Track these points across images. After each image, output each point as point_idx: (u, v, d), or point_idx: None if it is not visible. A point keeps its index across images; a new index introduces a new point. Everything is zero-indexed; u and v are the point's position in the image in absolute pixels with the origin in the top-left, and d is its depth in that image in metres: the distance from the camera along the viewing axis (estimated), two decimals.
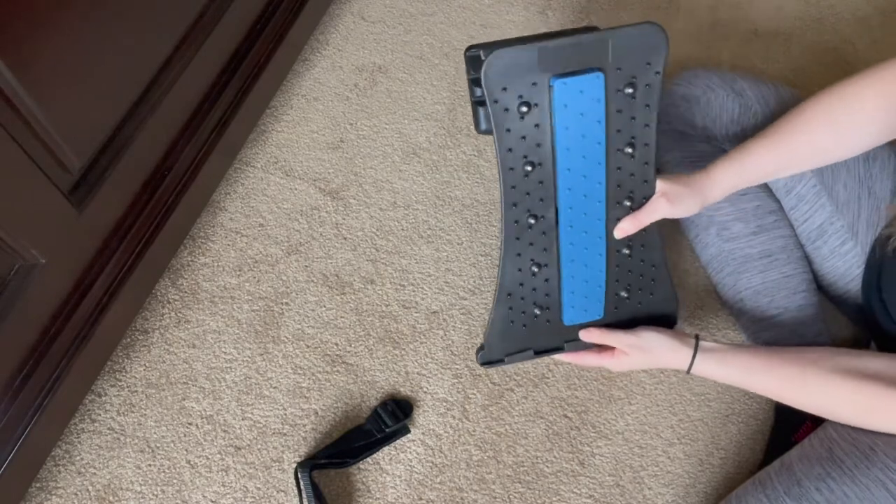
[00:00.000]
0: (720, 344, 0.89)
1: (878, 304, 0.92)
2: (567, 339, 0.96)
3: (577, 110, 0.79)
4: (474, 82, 0.82)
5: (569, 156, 0.82)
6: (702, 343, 0.88)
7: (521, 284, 0.90)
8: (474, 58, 0.85)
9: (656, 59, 0.79)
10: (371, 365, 1.08)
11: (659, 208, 0.85)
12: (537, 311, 0.93)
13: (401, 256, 1.16)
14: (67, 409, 0.96)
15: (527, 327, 0.94)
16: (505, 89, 0.77)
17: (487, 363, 0.96)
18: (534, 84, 0.77)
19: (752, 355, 0.86)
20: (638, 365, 0.91)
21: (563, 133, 0.80)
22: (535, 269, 0.90)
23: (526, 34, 0.87)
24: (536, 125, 0.80)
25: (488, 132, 0.82)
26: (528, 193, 0.83)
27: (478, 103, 0.84)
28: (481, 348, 0.95)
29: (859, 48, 1.42)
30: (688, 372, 0.88)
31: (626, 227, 0.86)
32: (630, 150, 0.83)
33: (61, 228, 0.85)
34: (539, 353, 0.96)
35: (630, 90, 0.79)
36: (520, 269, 0.89)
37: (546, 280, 0.91)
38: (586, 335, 0.94)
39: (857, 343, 1.10)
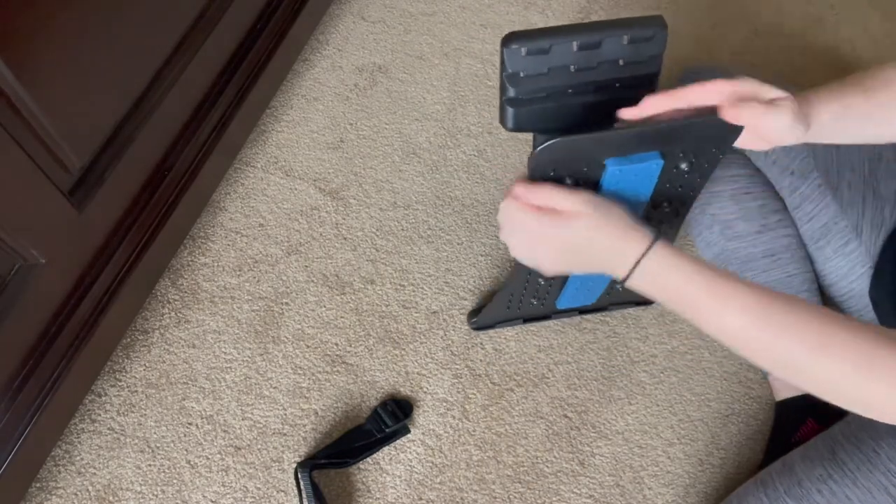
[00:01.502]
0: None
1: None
2: (555, 313, 1.08)
3: (626, 184, 0.75)
4: (509, 79, 0.71)
5: None
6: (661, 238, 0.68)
7: (526, 289, 0.92)
8: (513, 53, 0.70)
9: (723, 148, 0.75)
10: (371, 365, 1.08)
11: (784, 109, 0.67)
12: (534, 302, 1.01)
13: (401, 256, 1.16)
14: (67, 409, 0.96)
15: (521, 310, 1.05)
16: (554, 171, 0.72)
17: (479, 328, 1.10)
18: (585, 168, 0.73)
19: (716, 271, 0.66)
20: (577, 243, 0.68)
21: (604, 191, 0.76)
22: (542, 282, 0.94)
23: (549, 25, 0.78)
24: (578, 184, 0.76)
25: (517, 130, 0.75)
26: None
27: (508, 102, 0.73)
28: (473, 314, 1.08)
29: (859, 48, 1.42)
30: (633, 267, 0.67)
31: (741, 115, 0.67)
32: (666, 206, 0.83)
33: (61, 228, 0.85)
34: (527, 321, 1.10)
35: (686, 166, 0.76)
36: (527, 281, 0.93)
37: (550, 286, 0.92)
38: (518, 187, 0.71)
39: None
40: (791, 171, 0.99)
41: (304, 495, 0.96)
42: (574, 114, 0.74)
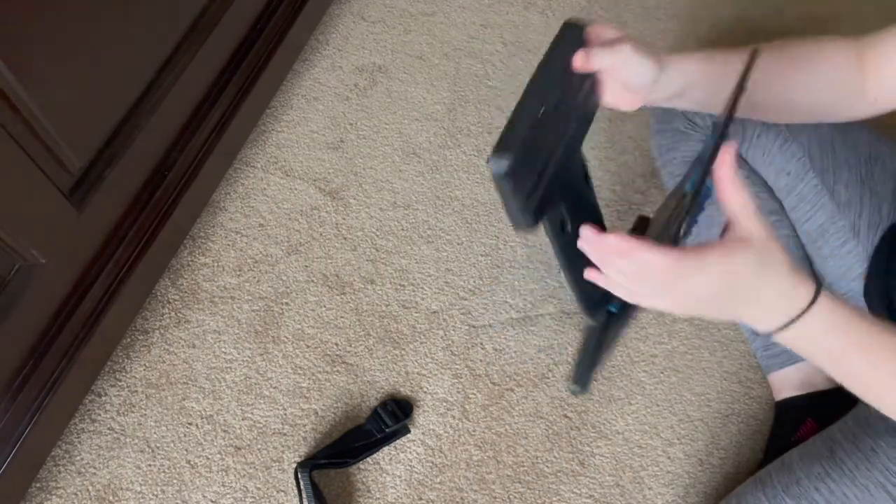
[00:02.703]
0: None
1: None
2: None
3: None
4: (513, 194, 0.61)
5: None
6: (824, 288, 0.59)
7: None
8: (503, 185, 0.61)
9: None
10: (371, 365, 1.08)
11: (619, 47, 0.65)
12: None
13: (401, 256, 1.16)
14: (67, 409, 0.96)
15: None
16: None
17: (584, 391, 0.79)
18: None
19: (876, 320, 0.60)
20: (736, 279, 0.56)
21: None
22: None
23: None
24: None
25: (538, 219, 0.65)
26: None
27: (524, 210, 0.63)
28: (574, 382, 0.76)
29: None
30: (789, 323, 0.58)
31: (590, 59, 0.65)
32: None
33: (61, 228, 0.85)
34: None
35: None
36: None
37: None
38: (725, 168, 0.60)
39: None
40: (787, 172, 0.99)
41: (304, 495, 0.96)
42: (563, 169, 0.68)
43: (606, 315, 0.69)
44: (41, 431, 0.89)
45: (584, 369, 0.71)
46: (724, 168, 0.57)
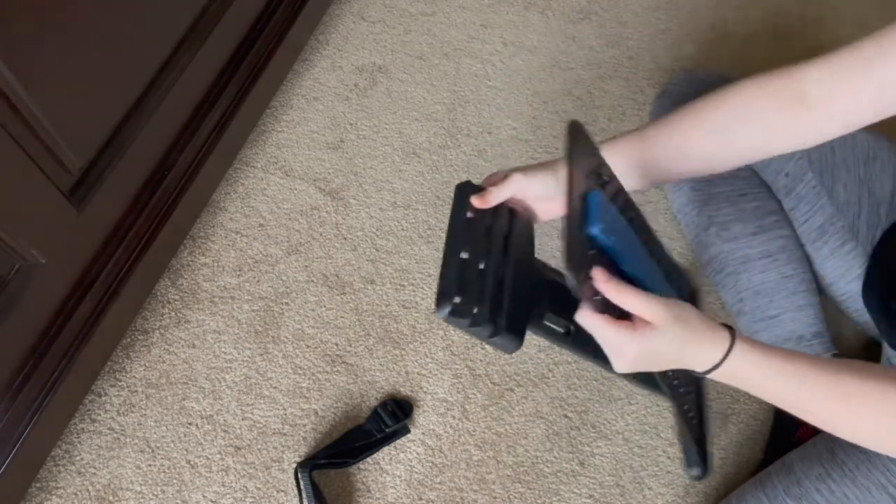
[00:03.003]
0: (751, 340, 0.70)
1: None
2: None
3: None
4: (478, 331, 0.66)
5: None
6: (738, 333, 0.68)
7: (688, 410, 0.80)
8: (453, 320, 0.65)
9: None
10: (371, 365, 1.08)
11: (511, 179, 0.72)
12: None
13: (401, 256, 1.16)
14: (67, 409, 0.96)
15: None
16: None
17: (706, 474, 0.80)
18: None
19: (787, 358, 0.69)
20: (658, 351, 0.67)
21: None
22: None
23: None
24: None
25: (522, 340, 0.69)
26: None
27: (498, 333, 0.67)
28: (694, 467, 0.77)
29: None
30: (713, 367, 0.68)
31: (487, 200, 0.72)
32: None
33: (61, 228, 0.85)
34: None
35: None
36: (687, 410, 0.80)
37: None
38: (602, 285, 0.65)
39: (858, 342, 1.10)
40: (786, 173, 0.99)
41: (304, 495, 0.96)
42: (516, 288, 0.71)
43: (671, 389, 0.72)
44: (41, 431, 0.89)
45: (692, 451, 0.74)
46: (604, 285, 0.64)
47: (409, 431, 1.04)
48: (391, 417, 1.02)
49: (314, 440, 1.02)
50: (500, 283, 0.69)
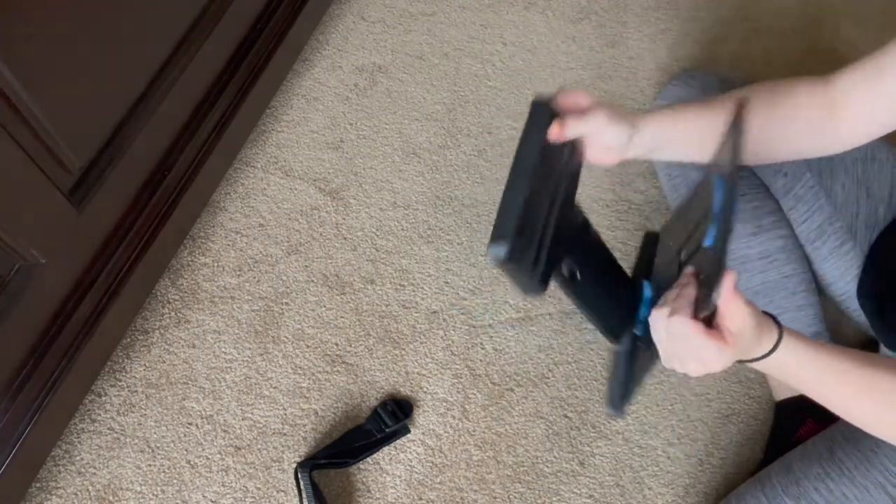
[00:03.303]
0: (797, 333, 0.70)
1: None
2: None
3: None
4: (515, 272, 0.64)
5: None
6: (784, 328, 0.68)
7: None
8: (507, 266, 0.63)
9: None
10: (371, 365, 1.08)
11: (594, 115, 0.71)
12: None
13: (401, 256, 1.17)
14: (67, 409, 0.96)
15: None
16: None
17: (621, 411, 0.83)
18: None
19: (832, 354, 0.70)
20: (729, 359, 0.67)
21: None
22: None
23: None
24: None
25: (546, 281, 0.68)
26: None
27: (531, 278, 0.65)
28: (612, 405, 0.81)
29: (859, 48, 1.42)
30: (758, 359, 0.68)
31: (564, 131, 0.69)
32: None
33: (61, 228, 0.85)
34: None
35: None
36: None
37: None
38: (730, 293, 0.64)
39: (857, 342, 1.10)
40: (784, 173, 0.99)
41: (304, 495, 0.96)
42: (560, 231, 0.70)
43: (632, 339, 0.74)
44: (41, 431, 0.89)
45: (618, 394, 0.76)
46: (728, 294, 0.63)
47: (409, 431, 1.04)
48: (391, 417, 1.02)
49: (314, 440, 1.02)
50: (546, 226, 0.68)
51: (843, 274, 0.97)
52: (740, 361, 0.69)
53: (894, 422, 0.68)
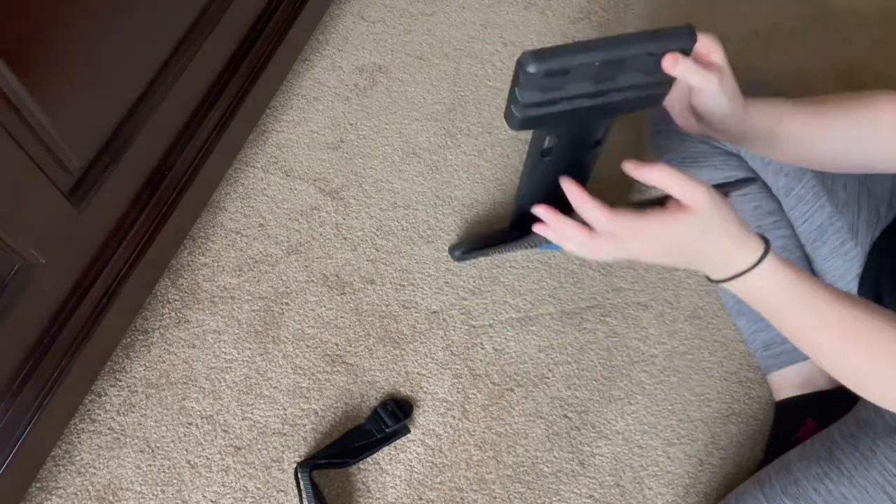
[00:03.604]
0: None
1: None
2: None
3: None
4: (523, 92, 0.69)
5: None
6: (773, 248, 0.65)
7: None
8: (532, 76, 0.67)
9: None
10: (371, 365, 1.08)
11: (711, 74, 0.69)
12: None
13: (401, 256, 1.17)
14: (67, 409, 0.96)
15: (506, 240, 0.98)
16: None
17: (462, 259, 1.11)
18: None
19: (815, 291, 0.64)
20: (684, 241, 0.62)
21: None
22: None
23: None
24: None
25: (521, 130, 0.74)
26: None
27: (518, 108, 0.71)
28: (456, 248, 1.09)
29: (859, 48, 1.42)
30: (735, 276, 0.64)
31: (679, 64, 0.67)
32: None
33: (61, 228, 0.85)
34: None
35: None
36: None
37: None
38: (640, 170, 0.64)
39: None
40: (785, 173, 0.99)
41: (304, 495, 0.96)
42: (584, 114, 0.74)
43: (533, 237, 0.79)
44: (41, 431, 0.89)
45: (477, 251, 0.98)
46: (634, 169, 0.64)
47: (409, 431, 1.04)
48: (391, 417, 1.02)
49: (314, 440, 1.02)
50: (579, 97, 0.71)
51: (843, 274, 0.97)
52: (717, 281, 0.64)
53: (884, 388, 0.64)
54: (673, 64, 0.68)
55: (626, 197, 1.23)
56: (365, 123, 1.28)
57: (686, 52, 0.69)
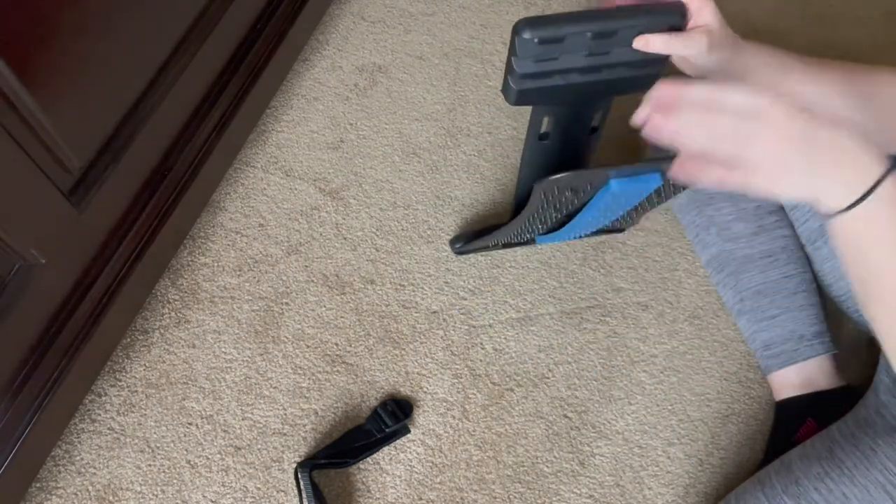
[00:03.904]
0: None
1: None
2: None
3: (627, 192, 0.80)
4: (518, 61, 0.71)
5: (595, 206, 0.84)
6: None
7: (529, 223, 0.95)
8: (526, 42, 0.70)
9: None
10: (371, 365, 1.08)
11: (696, 40, 0.68)
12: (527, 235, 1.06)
13: (401, 256, 1.16)
14: (67, 409, 0.96)
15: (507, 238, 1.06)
16: (556, 189, 0.78)
17: (462, 253, 1.14)
18: (589, 185, 0.78)
19: None
20: (799, 127, 0.52)
21: (597, 203, 0.83)
22: (553, 214, 0.92)
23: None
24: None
25: (519, 105, 0.77)
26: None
27: (514, 80, 0.73)
28: (457, 241, 1.11)
29: (859, 48, 1.42)
30: (868, 192, 0.51)
31: (651, 42, 0.68)
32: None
33: (61, 228, 0.85)
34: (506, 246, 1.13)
35: None
36: (535, 217, 0.92)
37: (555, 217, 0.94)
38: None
39: (859, 341, 1.10)
40: None
41: (304, 495, 0.96)
42: (578, 91, 0.76)
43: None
44: (41, 431, 0.89)
45: (476, 243, 1.00)
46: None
47: (409, 431, 1.04)
48: (391, 417, 1.02)
49: (314, 440, 1.02)
50: (573, 71, 0.73)
51: (843, 274, 0.97)
52: (829, 212, 0.52)
53: None
54: (645, 45, 0.70)
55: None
56: (365, 123, 1.28)
57: (678, 28, 0.71)
